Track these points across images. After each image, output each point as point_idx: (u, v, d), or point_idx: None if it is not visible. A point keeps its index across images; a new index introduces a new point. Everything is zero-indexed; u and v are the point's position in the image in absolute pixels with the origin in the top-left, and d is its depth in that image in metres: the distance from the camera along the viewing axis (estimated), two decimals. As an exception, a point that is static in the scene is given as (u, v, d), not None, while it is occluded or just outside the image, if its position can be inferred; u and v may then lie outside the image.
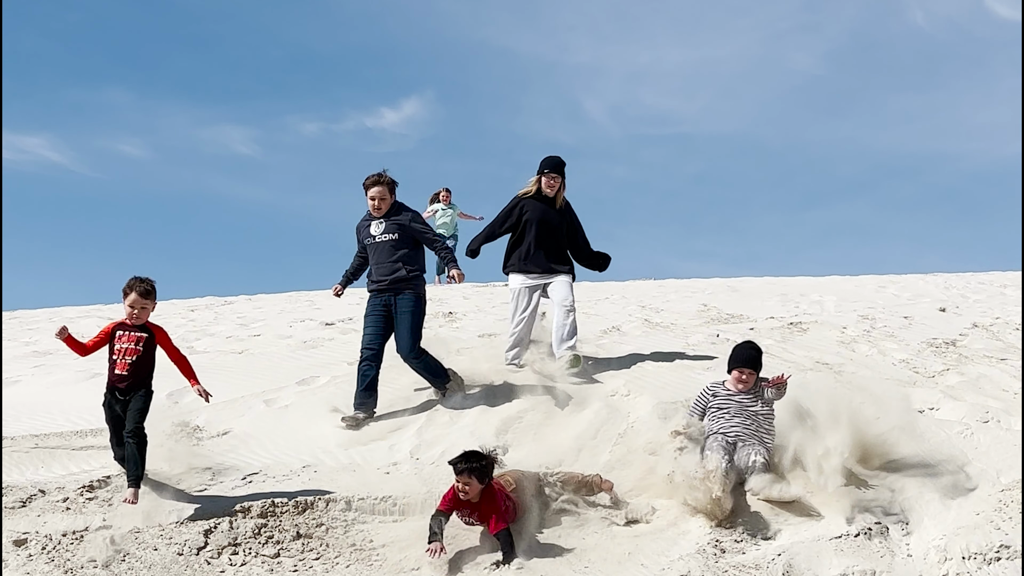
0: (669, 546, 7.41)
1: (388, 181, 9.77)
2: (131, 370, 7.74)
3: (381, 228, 9.78)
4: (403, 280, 9.68)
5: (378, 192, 9.75)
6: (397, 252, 9.72)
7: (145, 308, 7.86)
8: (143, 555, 6.98)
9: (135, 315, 7.82)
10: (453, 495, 7.37)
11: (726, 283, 21.41)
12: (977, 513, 7.52)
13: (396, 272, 9.68)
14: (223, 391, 10.33)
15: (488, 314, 16.22)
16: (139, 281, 7.84)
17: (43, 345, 14.54)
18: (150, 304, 7.89)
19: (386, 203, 9.79)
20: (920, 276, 22.78)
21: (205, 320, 16.94)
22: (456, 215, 23.03)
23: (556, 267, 10.83)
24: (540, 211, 10.80)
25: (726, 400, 8.30)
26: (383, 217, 9.79)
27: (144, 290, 7.82)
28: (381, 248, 9.76)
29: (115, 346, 7.79)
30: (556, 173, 10.80)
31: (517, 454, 8.83)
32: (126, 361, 7.75)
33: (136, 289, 7.80)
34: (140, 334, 7.82)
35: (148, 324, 7.89)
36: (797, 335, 13.71)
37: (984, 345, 13.36)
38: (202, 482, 8.19)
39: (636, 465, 8.41)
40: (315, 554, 7.30)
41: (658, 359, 11.77)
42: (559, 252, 10.87)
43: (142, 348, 7.79)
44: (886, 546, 7.32)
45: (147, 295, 7.84)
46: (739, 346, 8.59)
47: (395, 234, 9.73)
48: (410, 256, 9.78)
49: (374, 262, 9.82)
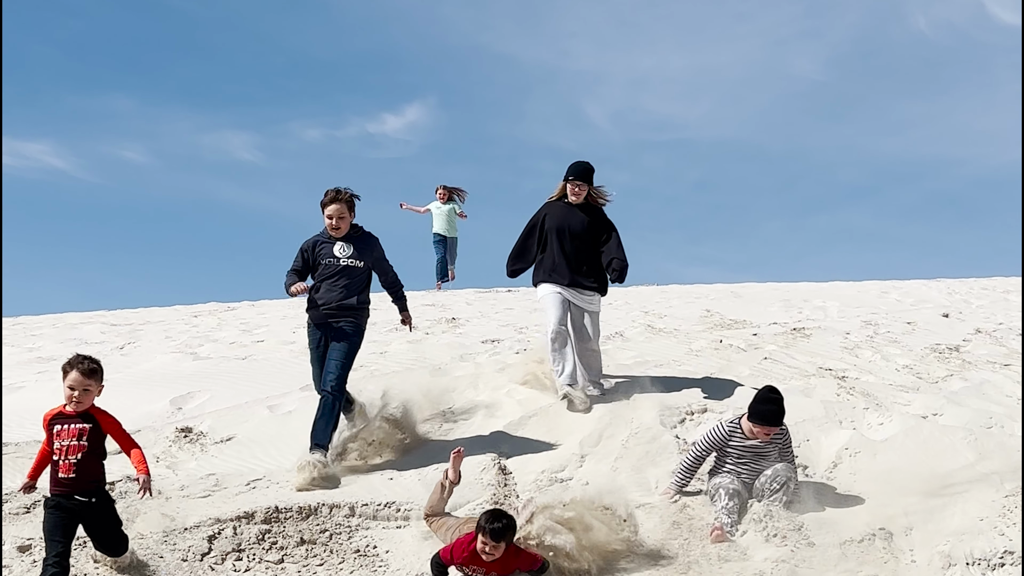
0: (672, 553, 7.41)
1: (347, 198, 8.89)
2: (78, 471, 6.42)
3: (348, 251, 8.88)
4: (350, 309, 8.79)
5: (336, 210, 8.84)
6: (356, 280, 8.85)
7: (88, 391, 6.50)
8: (148, 561, 6.97)
9: (76, 399, 6.47)
10: (470, 553, 6.80)
11: (729, 289, 21.40)
12: (981, 519, 7.51)
13: (346, 299, 8.78)
14: (226, 397, 10.35)
15: (491, 319, 16.23)
16: (80, 359, 6.56)
17: (46, 351, 14.56)
18: (94, 386, 6.54)
19: (345, 222, 8.88)
20: (923, 281, 22.77)
21: (208, 326, 16.95)
22: (455, 214, 21.87)
23: (583, 280, 9.94)
24: (561, 218, 10.03)
25: (739, 448, 7.99)
26: (346, 239, 8.93)
27: (87, 369, 6.49)
28: (342, 271, 8.84)
29: (54, 443, 6.47)
30: (582, 180, 10.00)
31: (519, 460, 8.84)
32: (69, 461, 6.41)
33: (77, 367, 6.48)
34: (82, 425, 6.48)
35: (92, 410, 6.58)
36: (800, 341, 13.71)
37: (987, 351, 13.36)
38: (206, 488, 8.19)
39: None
40: (319, 560, 7.30)
41: (661, 365, 11.77)
42: (586, 261, 9.98)
43: (87, 443, 6.47)
44: (890, 551, 7.32)
45: (91, 374, 6.50)
46: (767, 400, 8.00)
47: (360, 261, 8.89)
48: (366, 286, 8.97)
49: (326, 283, 8.84)
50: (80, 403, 6.48)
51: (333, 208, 8.83)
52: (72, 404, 6.49)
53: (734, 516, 7.64)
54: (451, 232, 21.77)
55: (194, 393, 11.05)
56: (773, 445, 8.02)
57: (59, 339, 15.77)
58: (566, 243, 9.95)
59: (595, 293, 10.02)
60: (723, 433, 8.05)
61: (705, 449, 8.11)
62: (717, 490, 7.84)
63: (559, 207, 10.12)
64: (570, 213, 10.04)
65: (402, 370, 11.79)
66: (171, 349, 14.28)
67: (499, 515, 6.78)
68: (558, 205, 10.14)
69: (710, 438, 8.10)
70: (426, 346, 13.54)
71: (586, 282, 9.94)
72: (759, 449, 7.98)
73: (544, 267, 10.03)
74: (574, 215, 10.03)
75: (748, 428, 7.98)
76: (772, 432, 7.96)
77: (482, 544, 6.68)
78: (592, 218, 10.04)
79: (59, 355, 14.04)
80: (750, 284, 22.61)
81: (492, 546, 6.67)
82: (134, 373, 12.53)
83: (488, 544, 6.66)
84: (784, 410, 8.01)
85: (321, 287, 8.82)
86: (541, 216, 10.16)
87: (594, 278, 9.99)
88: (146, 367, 12.99)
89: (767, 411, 7.94)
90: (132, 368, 12.92)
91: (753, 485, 7.92)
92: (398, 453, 9.08)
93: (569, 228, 9.98)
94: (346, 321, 8.75)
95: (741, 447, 8.00)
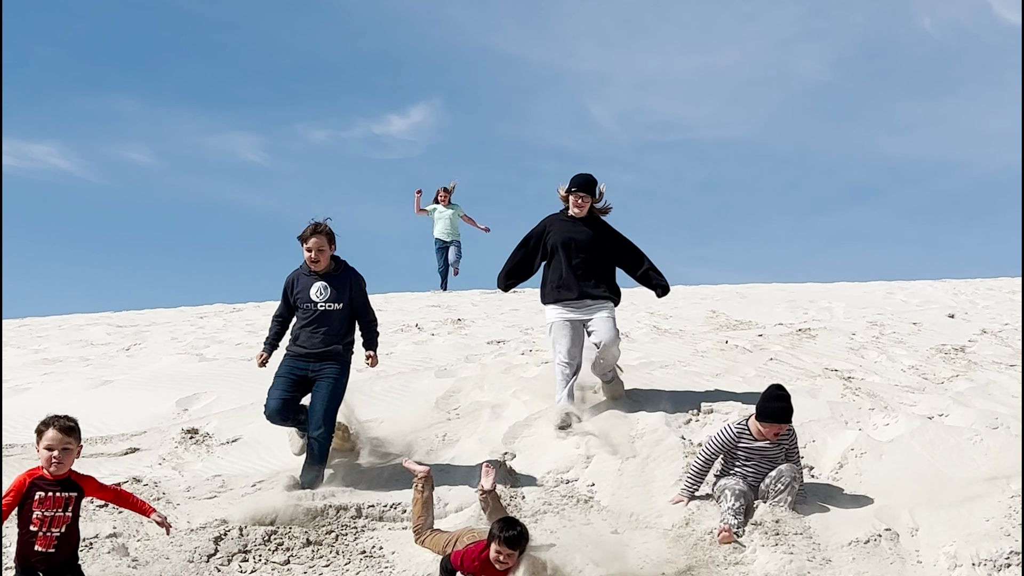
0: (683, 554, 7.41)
1: (327, 231, 8.42)
2: (59, 545, 5.81)
3: (325, 295, 8.43)
4: (336, 354, 8.44)
5: (316, 243, 8.37)
6: (336, 325, 8.44)
7: (68, 450, 5.89)
8: (154, 563, 6.98)
9: (56, 461, 5.85)
10: (482, 562, 6.69)
11: (734, 289, 21.40)
12: (987, 520, 7.50)
13: (331, 345, 8.41)
14: (232, 398, 10.37)
15: (497, 320, 16.23)
16: (56, 417, 5.97)
17: (52, 353, 14.59)
18: (74, 444, 5.93)
19: (324, 255, 8.42)
20: (929, 282, 22.74)
21: (214, 327, 16.98)
22: (458, 217, 21.01)
23: (593, 291, 9.54)
24: (567, 231, 9.62)
25: (747, 449, 7.97)
26: (324, 278, 8.47)
27: (65, 426, 5.89)
28: (321, 317, 8.43)
29: (32, 512, 5.78)
30: (585, 192, 9.56)
31: (525, 461, 8.84)
32: (52, 535, 5.79)
33: (54, 425, 5.88)
34: (68, 493, 5.88)
35: (74, 477, 5.97)
36: (806, 341, 13.70)
37: (993, 351, 13.34)
38: (212, 489, 8.20)
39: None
40: (325, 561, 7.31)
41: (667, 366, 11.77)
42: (596, 273, 9.59)
43: (71, 513, 5.88)
44: (896, 552, 7.32)
45: (69, 431, 5.90)
46: (775, 398, 7.99)
47: (340, 304, 8.44)
48: (350, 328, 8.58)
49: (306, 327, 8.47)
50: (61, 464, 5.86)
51: (313, 241, 8.39)
52: (53, 466, 5.85)
53: (740, 517, 7.64)
54: (454, 236, 20.96)
55: (200, 394, 11.07)
56: (780, 447, 8.01)
57: (65, 340, 15.81)
58: (573, 257, 9.56)
59: (609, 301, 9.66)
60: (731, 435, 8.03)
61: (713, 452, 8.09)
62: (723, 491, 7.83)
63: (562, 221, 9.73)
64: (574, 226, 9.66)
65: (408, 371, 11.80)
66: (177, 350, 14.31)
67: (513, 523, 6.72)
68: (560, 219, 9.75)
69: (718, 441, 8.08)
70: (432, 347, 13.55)
71: (596, 292, 9.56)
72: (766, 451, 7.97)
73: (551, 283, 9.64)
74: (578, 228, 9.65)
75: (756, 429, 7.97)
76: (781, 431, 7.94)
77: (496, 553, 6.60)
78: (597, 231, 9.70)
79: (65, 356, 14.10)
80: (756, 285, 22.59)
81: (507, 554, 6.60)
82: (140, 374, 12.55)
83: (503, 552, 6.59)
84: (792, 407, 8.00)
85: (301, 334, 8.46)
86: (541, 230, 9.77)
87: (604, 288, 9.64)
88: (152, 368, 13.01)
89: (777, 408, 7.92)
90: (138, 369, 12.94)
91: (759, 486, 7.92)
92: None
93: (575, 241, 9.59)
94: (331, 366, 8.40)
95: (749, 449, 7.98)
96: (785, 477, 7.82)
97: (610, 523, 7.89)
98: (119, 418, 10.28)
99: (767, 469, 7.93)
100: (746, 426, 8.03)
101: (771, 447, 7.97)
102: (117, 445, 9.41)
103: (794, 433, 8.17)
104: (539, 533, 7.54)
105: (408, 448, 9.04)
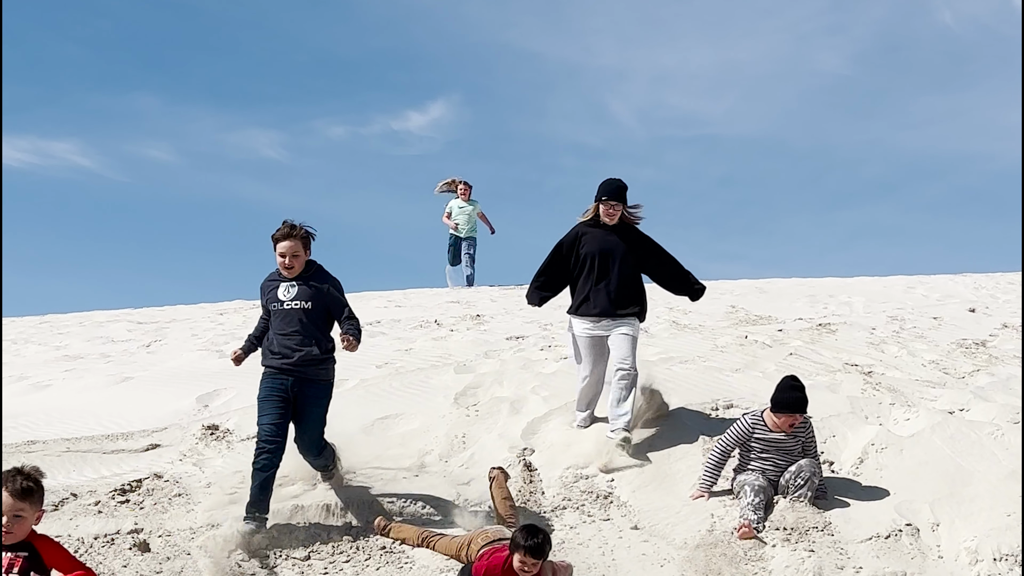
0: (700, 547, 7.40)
1: (302, 234, 7.87)
2: None
3: (292, 293, 7.84)
4: (313, 362, 7.76)
5: (289, 247, 7.81)
6: (307, 324, 7.80)
7: (22, 516, 5.19)
8: (175, 559, 7.01)
9: (7, 527, 5.16)
10: (506, 572, 6.65)
11: (754, 284, 21.31)
12: (1008, 514, 7.47)
13: (305, 348, 7.75)
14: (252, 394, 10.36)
15: (516, 316, 16.22)
16: (12, 476, 5.21)
17: (74, 349, 14.66)
18: (28, 509, 5.22)
19: (299, 260, 7.85)
20: (949, 276, 22.60)
21: (234, 324, 17.01)
22: (476, 214, 20.64)
23: (618, 310, 9.13)
24: (600, 242, 9.22)
25: (762, 441, 7.97)
26: (296, 279, 7.89)
27: (21, 488, 5.18)
28: (289, 317, 7.81)
29: None
30: (616, 200, 9.16)
31: (545, 457, 8.84)
32: None
33: (8, 487, 5.15)
34: (18, 554, 5.21)
35: (30, 538, 5.32)
36: (826, 336, 13.66)
37: (1014, 346, 13.27)
38: (232, 485, 8.23)
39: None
40: (345, 557, 7.33)
41: (686, 361, 11.75)
42: (624, 287, 9.18)
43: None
44: (917, 547, 7.30)
45: (25, 494, 5.19)
46: (789, 388, 7.99)
47: (307, 302, 7.81)
48: (323, 330, 7.92)
49: (277, 331, 7.84)
50: (15, 531, 5.19)
51: (285, 245, 7.83)
52: (5, 533, 5.16)
53: (760, 513, 7.63)
54: (471, 232, 20.65)
55: (220, 391, 11.09)
56: (796, 439, 7.99)
57: (86, 337, 15.87)
58: (603, 269, 9.17)
59: (634, 318, 9.23)
60: (746, 426, 8.03)
61: (729, 445, 8.09)
62: (743, 487, 7.82)
63: (594, 230, 9.29)
64: (607, 236, 9.25)
65: (427, 367, 11.81)
66: (197, 347, 14.34)
67: (535, 531, 6.63)
68: (593, 227, 9.31)
69: (733, 433, 8.09)
70: (451, 343, 13.55)
71: (624, 311, 9.14)
72: (782, 443, 7.96)
73: (579, 294, 9.26)
74: (612, 238, 9.24)
75: (771, 420, 7.97)
76: (796, 421, 7.92)
77: (520, 563, 6.56)
78: (630, 240, 9.30)
79: (86, 353, 14.15)
80: (775, 280, 22.50)
81: (532, 563, 6.56)
82: (160, 371, 12.59)
83: (527, 562, 6.55)
84: (807, 397, 7.98)
85: (274, 340, 7.85)
86: (574, 237, 9.35)
87: (634, 303, 9.23)
88: (172, 365, 13.05)
89: (791, 399, 7.92)
90: (158, 366, 12.99)
91: (778, 482, 7.90)
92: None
93: (611, 252, 9.19)
94: (312, 383, 7.80)
95: (764, 440, 7.98)
96: (804, 472, 7.80)
97: (630, 519, 7.90)
98: (140, 414, 10.31)
99: (784, 463, 7.92)
100: (761, 417, 8.04)
101: (787, 439, 7.96)
102: (138, 441, 9.45)
103: (811, 426, 8.15)
104: (559, 529, 7.56)
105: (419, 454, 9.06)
